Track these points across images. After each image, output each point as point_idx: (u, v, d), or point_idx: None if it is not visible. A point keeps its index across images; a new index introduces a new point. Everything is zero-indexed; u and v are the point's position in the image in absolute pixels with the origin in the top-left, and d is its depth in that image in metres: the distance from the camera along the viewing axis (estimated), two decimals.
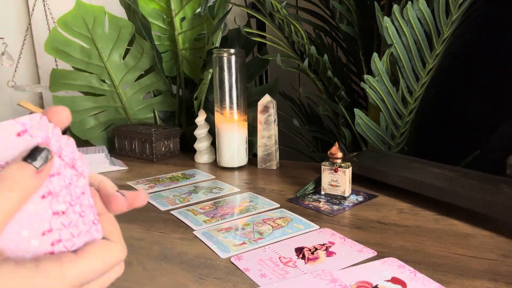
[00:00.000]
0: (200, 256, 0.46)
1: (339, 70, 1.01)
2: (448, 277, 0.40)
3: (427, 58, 0.77)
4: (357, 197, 0.65)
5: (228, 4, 1.04)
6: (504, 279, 0.40)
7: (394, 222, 0.55)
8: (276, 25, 0.93)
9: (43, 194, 0.24)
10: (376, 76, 0.79)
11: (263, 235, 0.51)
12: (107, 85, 1.05)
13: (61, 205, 0.25)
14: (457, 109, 0.94)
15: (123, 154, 1.02)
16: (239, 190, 0.71)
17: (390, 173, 0.66)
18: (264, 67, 1.11)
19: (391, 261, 0.43)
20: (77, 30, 0.98)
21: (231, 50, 0.84)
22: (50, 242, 0.24)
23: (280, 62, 0.85)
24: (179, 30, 1.04)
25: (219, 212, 0.60)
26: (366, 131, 0.84)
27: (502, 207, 0.50)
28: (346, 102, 0.91)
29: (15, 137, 0.24)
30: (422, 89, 0.81)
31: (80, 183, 0.26)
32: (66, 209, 0.25)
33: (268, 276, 0.41)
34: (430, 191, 0.59)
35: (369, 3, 0.92)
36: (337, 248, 0.47)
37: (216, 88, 0.86)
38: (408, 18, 0.75)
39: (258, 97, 0.87)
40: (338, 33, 1.04)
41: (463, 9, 0.73)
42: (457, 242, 0.48)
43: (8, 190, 0.22)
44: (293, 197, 0.66)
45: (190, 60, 1.08)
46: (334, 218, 0.57)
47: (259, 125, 0.84)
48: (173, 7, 1.01)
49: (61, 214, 0.25)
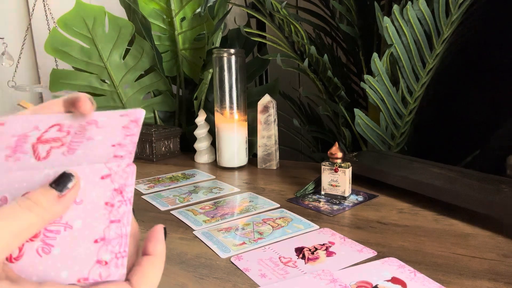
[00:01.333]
0: (200, 256, 0.46)
1: (339, 70, 1.01)
2: (448, 277, 0.40)
3: (427, 58, 0.77)
4: (357, 197, 0.65)
5: (228, 4, 1.04)
6: (504, 279, 0.40)
7: (394, 222, 0.55)
8: (276, 25, 0.93)
9: (96, 238, 0.24)
10: (376, 76, 0.79)
11: (263, 235, 0.51)
12: (107, 85, 1.05)
13: (107, 255, 0.24)
14: (457, 109, 0.94)
15: None
16: (239, 190, 0.71)
17: (390, 173, 0.66)
18: (264, 67, 1.11)
19: (391, 261, 0.43)
20: (77, 30, 0.98)
21: (231, 50, 0.84)
22: (77, 280, 0.24)
23: (280, 62, 0.85)
24: (179, 30, 1.05)
25: (219, 212, 0.60)
26: (366, 131, 0.84)
27: (502, 207, 0.50)
28: (346, 102, 0.91)
29: (98, 179, 0.25)
30: (422, 89, 0.81)
31: (120, 210, 0.25)
32: (110, 260, 0.24)
33: (268, 276, 0.41)
34: (430, 191, 0.59)
35: (369, 3, 0.92)
36: (337, 248, 0.47)
37: (216, 88, 0.86)
38: (408, 18, 0.75)
39: (258, 97, 0.87)
40: (338, 33, 1.04)
41: (463, 9, 0.73)
42: (457, 242, 0.48)
43: (27, 209, 0.22)
44: (293, 197, 0.66)
45: (190, 60, 1.08)
46: (334, 218, 0.57)
47: (259, 125, 0.84)
48: (173, 7, 1.01)
49: (103, 264, 0.24)
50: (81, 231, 0.24)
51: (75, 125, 0.26)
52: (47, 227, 0.24)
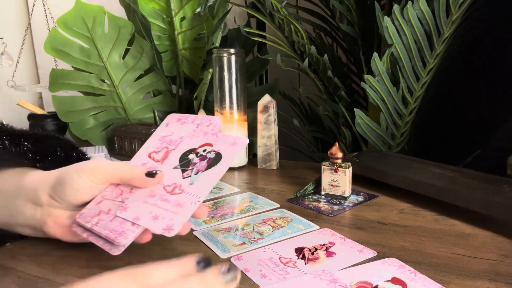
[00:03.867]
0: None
1: (339, 70, 1.01)
2: (448, 277, 0.40)
3: (428, 58, 0.77)
4: (357, 197, 0.65)
5: (228, 4, 1.04)
6: (505, 279, 0.40)
7: (394, 222, 0.55)
8: (276, 25, 0.93)
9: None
10: (376, 76, 0.78)
11: (263, 235, 0.51)
12: (107, 85, 1.05)
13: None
14: (457, 109, 0.94)
15: (122, 154, 1.02)
16: (239, 190, 0.71)
17: (391, 173, 0.66)
18: (264, 67, 1.11)
19: (392, 261, 0.43)
20: (77, 30, 0.98)
21: (231, 50, 0.83)
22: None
23: (280, 62, 0.85)
24: (179, 30, 1.04)
25: (219, 212, 0.60)
26: (366, 131, 0.84)
27: (502, 207, 0.50)
28: (346, 102, 0.91)
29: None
30: (423, 89, 0.81)
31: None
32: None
33: (268, 276, 0.41)
34: (430, 191, 0.59)
35: (369, 3, 0.92)
36: (337, 249, 0.47)
37: (216, 88, 0.86)
38: (408, 18, 0.75)
39: (258, 97, 0.87)
40: (338, 33, 1.04)
41: (464, 9, 0.73)
42: (457, 242, 0.48)
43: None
44: (293, 197, 0.66)
45: (190, 60, 1.08)
46: (334, 218, 0.57)
47: (259, 125, 0.84)
48: (173, 7, 1.01)
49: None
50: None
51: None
52: None
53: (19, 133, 0.49)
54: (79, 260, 0.45)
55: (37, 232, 0.46)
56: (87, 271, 0.42)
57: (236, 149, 0.43)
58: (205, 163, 0.44)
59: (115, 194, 0.44)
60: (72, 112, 1.05)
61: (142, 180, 0.43)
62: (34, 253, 0.47)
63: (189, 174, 0.43)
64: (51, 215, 0.44)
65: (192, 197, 0.41)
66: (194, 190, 0.41)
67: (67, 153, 0.52)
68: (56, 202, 0.44)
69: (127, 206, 0.42)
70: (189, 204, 0.40)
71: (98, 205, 0.44)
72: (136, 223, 0.40)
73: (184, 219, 0.39)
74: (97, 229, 0.41)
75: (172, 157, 0.46)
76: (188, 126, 0.49)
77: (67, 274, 0.42)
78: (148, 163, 0.47)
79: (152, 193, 0.43)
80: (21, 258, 0.46)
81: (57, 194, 0.43)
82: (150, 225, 0.39)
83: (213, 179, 0.42)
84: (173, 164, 0.46)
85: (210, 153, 0.45)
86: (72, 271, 0.43)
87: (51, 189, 0.44)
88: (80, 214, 0.43)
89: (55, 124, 1.10)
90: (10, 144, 0.47)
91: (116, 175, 0.44)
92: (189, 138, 0.48)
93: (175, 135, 0.49)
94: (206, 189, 0.41)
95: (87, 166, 0.44)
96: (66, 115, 1.05)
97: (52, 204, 0.44)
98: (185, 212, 0.39)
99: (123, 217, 0.41)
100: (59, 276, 0.42)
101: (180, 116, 0.52)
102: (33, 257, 0.46)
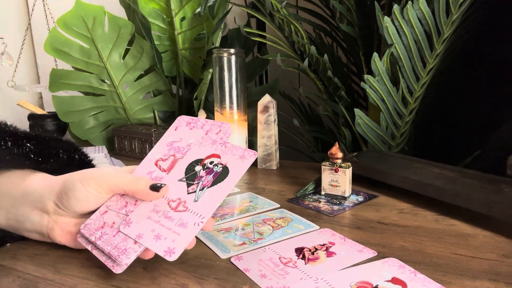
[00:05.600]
0: (200, 257, 0.46)
1: (339, 70, 1.01)
2: (448, 277, 0.40)
3: (428, 58, 0.77)
4: (357, 197, 0.65)
5: (228, 4, 1.04)
6: (504, 279, 0.40)
7: (394, 222, 0.55)
8: (276, 25, 0.93)
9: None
10: (376, 76, 0.78)
11: (263, 235, 0.51)
12: (107, 85, 1.05)
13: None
14: (457, 109, 0.94)
15: (122, 154, 1.02)
16: (239, 190, 0.71)
17: (390, 173, 0.66)
18: (264, 67, 1.11)
19: (392, 261, 0.43)
20: (77, 30, 0.98)
21: (231, 50, 0.83)
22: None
23: (280, 62, 0.85)
24: (179, 30, 1.04)
25: (219, 212, 0.60)
26: (366, 131, 0.84)
27: (502, 207, 0.50)
28: (346, 102, 0.91)
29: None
30: (423, 89, 0.81)
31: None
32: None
33: (268, 276, 0.41)
34: (430, 191, 0.59)
35: (369, 3, 0.92)
36: (337, 249, 0.47)
37: (216, 88, 0.86)
38: (408, 18, 0.75)
39: (258, 97, 0.87)
40: (338, 33, 1.04)
41: (464, 9, 0.73)
42: (457, 242, 0.48)
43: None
44: (293, 197, 0.66)
45: (190, 60, 1.08)
46: (334, 218, 0.57)
47: (259, 125, 0.84)
48: (173, 7, 1.01)
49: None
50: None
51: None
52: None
53: (22, 134, 0.49)
54: (79, 260, 0.45)
55: (44, 238, 0.47)
56: (87, 271, 0.42)
57: (244, 164, 0.42)
58: (211, 178, 0.43)
59: (120, 205, 0.44)
60: (72, 112, 1.05)
61: (147, 194, 0.43)
62: (34, 253, 0.47)
63: (194, 189, 0.43)
64: (58, 223, 0.45)
65: (196, 217, 0.40)
66: (198, 209, 0.41)
67: (69, 155, 0.52)
68: (61, 210, 0.44)
69: (131, 221, 0.42)
70: (192, 225, 0.40)
71: (102, 216, 0.44)
72: (138, 241, 0.40)
73: (187, 241, 0.39)
74: (100, 244, 0.41)
75: (179, 167, 0.46)
76: (197, 132, 0.48)
77: (67, 274, 0.42)
78: (155, 172, 0.46)
79: (156, 208, 0.42)
80: (21, 258, 0.46)
81: (62, 203, 0.44)
82: (152, 245, 0.39)
83: (218, 198, 0.41)
84: (178, 175, 0.45)
85: (217, 166, 0.43)
86: (72, 271, 0.43)
87: (57, 198, 0.44)
88: (85, 224, 0.43)
89: (55, 124, 1.10)
90: (13, 145, 0.47)
91: (120, 186, 0.44)
92: (197, 146, 0.47)
93: (183, 141, 0.48)
94: (211, 209, 0.40)
95: (91, 175, 0.44)
96: (66, 115, 1.05)
97: (58, 212, 0.44)
98: (188, 234, 0.39)
99: (126, 233, 0.41)
100: (59, 276, 0.42)
101: (189, 119, 0.50)
102: (33, 257, 0.46)
